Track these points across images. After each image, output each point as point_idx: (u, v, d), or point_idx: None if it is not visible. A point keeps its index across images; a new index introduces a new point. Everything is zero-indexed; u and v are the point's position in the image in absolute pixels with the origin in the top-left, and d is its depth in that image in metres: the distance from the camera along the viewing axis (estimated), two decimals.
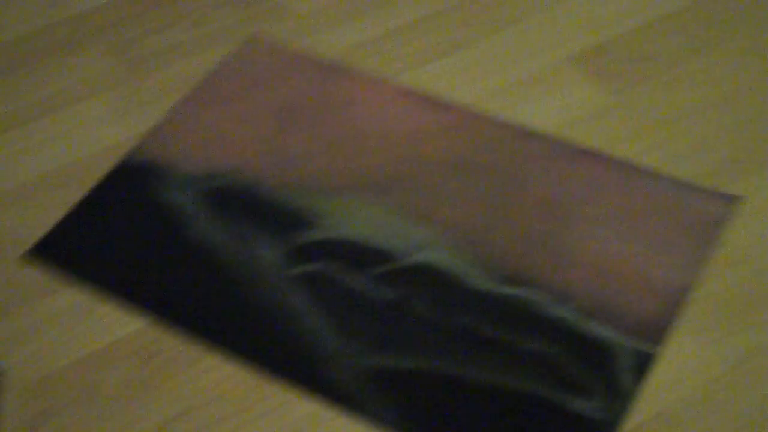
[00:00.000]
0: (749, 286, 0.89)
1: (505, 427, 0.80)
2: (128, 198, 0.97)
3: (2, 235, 0.95)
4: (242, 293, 0.89)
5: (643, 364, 0.84)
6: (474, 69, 1.08)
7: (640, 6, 1.14)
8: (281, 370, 0.84)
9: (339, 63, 1.09)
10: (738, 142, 1.00)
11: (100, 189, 0.99)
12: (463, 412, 0.81)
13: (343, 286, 0.89)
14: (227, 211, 0.96)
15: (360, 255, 0.92)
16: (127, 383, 0.84)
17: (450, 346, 0.85)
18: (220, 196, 0.97)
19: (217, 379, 0.84)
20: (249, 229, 0.94)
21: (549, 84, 1.06)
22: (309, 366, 0.84)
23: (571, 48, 1.10)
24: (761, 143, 1.00)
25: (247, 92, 1.07)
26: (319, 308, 0.88)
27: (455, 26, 1.13)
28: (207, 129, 1.03)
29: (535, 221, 0.94)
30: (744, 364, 0.83)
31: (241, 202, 0.96)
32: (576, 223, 0.94)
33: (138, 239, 0.94)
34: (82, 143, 1.03)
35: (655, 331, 0.86)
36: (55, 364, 0.85)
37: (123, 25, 1.15)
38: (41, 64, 1.12)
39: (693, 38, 1.10)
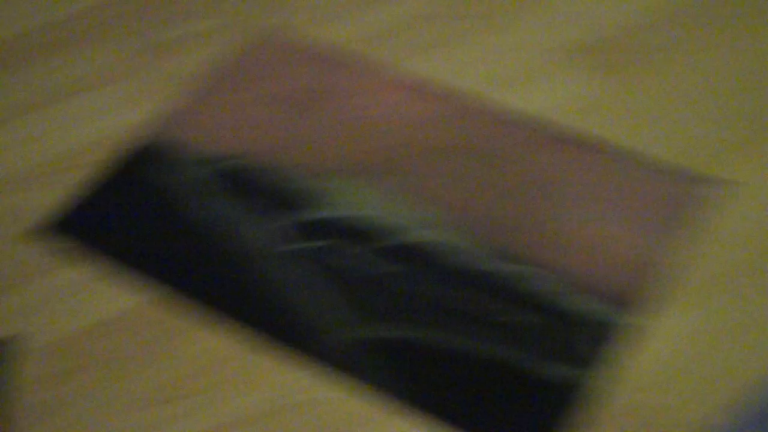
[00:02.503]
0: (728, 265, 0.93)
1: (492, 390, 0.85)
2: (140, 178, 1.03)
3: (16, 212, 1.01)
4: (247, 266, 0.95)
5: (621, 334, 0.88)
6: (471, 60, 1.13)
7: (633, 2, 1.18)
8: (280, 337, 0.89)
9: (345, 53, 1.14)
10: (725, 131, 1.04)
11: (114, 169, 1.04)
12: (452, 378, 0.86)
13: (342, 260, 0.94)
14: (237, 190, 1.01)
15: (359, 232, 0.97)
16: (137, 347, 0.89)
17: (444, 317, 0.90)
18: (230, 176, 1.02)
19: (221, 344, 0.89)
20: (257, 206, 0.99)
21: (542, 75, 1.11)
22: (306, 334, 0.89)
23: (564, 41, 1.14)
24: (746, 133, 1.04)
25: (257, 81, 1.12)
26: (318, 281, 0.93)
27: (453, 19, 1.18)
28: (219, 115, 1.09)
29: (525, 202, 0.98)
30: (717, 336, 0.88)
31: (250, 183, 1.02)
32: (564, 204, 0.98)
33: (149, 217, 0.99)
34: (97, 126, 1.09)
35: (636, 304, 0.90)
36: (69, 330, 0.91)
37: (140, 15, 1.21)
38: (60, 52, 1.17)
39: (685, 33, 1.14)
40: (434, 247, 0.95)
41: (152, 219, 0.99)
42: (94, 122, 1.09)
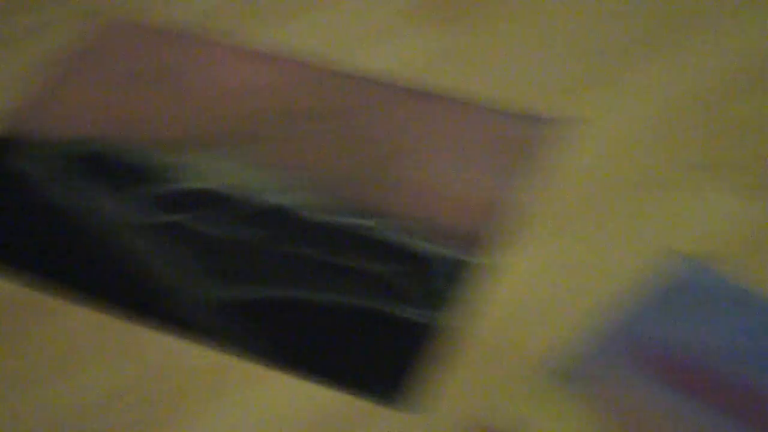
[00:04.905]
0: (570, 202, 0.97)
1: (346, 337, 0.89)
2: None
3: None
4: (108, 244, 0.97)
5: (468, 274, 0.92)
6: (318, 25, 1.16)
7: None
8: (138, 311, 0.92)
9: (191, 29, 1.16)
10: (564, 72, 1.08)
11: None
12: (309, 329, 0.90)
13: (202, 230, 0.97)
14: (95, 172, 1.03)
15: (218, 201, 0.99)
16: None
17: (296, 274, 0.93)
18: (88, 158, 1.04)
19: (77, 325, 0.91)
20: (116, 185, 1.01)
21: (388, 34, 1.14)
22: (164, 305, 0.92)
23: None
24: (585, 73, 1.08)
25: (108, 63, 1.13)
26: (180, 251, 0.95)
27: None
28: (68, 101, 1.10)
29: (372, 159, 1.02)
30: (562, 271, 0.92)
31: (108, 163, 1.03)
32: (410, 157, 1.02)
33: (9, 205, 1.00)
34: None
35: (481, 244, 0.94)
36: None
37: None
38: None
39: None
40: (290, 209, 0.98)
41: (12, 207, 1.00)
42: None
